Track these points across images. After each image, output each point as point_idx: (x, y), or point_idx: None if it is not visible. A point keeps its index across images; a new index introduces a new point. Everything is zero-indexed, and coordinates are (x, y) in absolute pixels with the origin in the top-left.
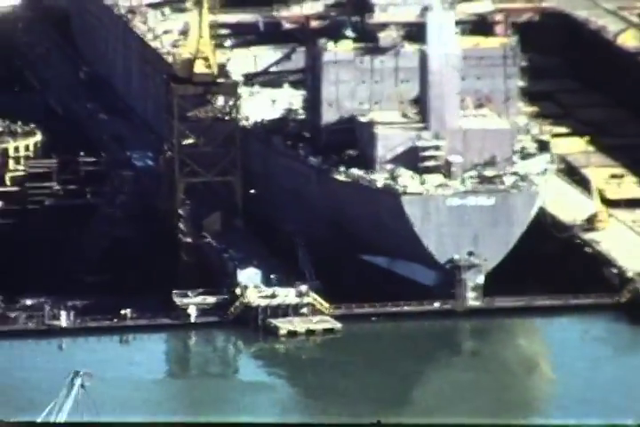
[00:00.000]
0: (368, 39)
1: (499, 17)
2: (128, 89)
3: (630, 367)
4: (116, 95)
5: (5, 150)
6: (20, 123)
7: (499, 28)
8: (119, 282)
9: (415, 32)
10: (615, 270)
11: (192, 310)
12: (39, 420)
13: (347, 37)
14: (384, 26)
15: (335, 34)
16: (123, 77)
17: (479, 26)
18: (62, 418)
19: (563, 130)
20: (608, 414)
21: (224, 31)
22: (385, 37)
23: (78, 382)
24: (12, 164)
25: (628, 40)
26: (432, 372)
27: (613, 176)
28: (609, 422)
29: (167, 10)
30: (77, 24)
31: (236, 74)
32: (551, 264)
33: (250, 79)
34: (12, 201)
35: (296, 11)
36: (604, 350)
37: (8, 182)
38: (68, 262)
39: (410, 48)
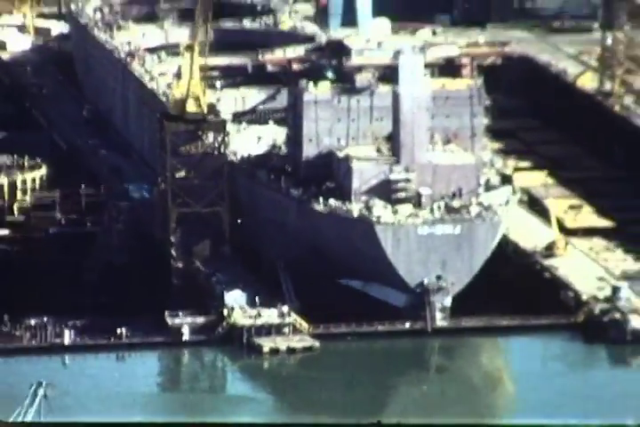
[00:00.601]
0: (345, 80)
1: (465, 60)
2: (127, 126)
3: (582, 380)
4: (115, 132)
5: (14, 182)
6: (27, 157)
7: (465, 71)
8: (116, 304)
9: (388, 74)
10: (571, 294)
11: (185, 329)
12: None
13: (327, 79)
14: (360, 68)
15: (315, 75)
16: (122, 115)
17: (447, 68)
18: None
19: (525, 164)
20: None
21: (215, 73)
22: (361, 79)
23: (41, 392)
24: (19, 195)
25: (586, 82)
26: (403, 385)
27: (571, 207)
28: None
29: (163, 54)
30: (81, 67)
31: (226, 112)
32: (513, 288)
33: (238, 117)
34: (18, 229)
35: (279, 54)
36: (559, 365)
37: (16, 212)
38: (69, 285)
39: (384, 89)
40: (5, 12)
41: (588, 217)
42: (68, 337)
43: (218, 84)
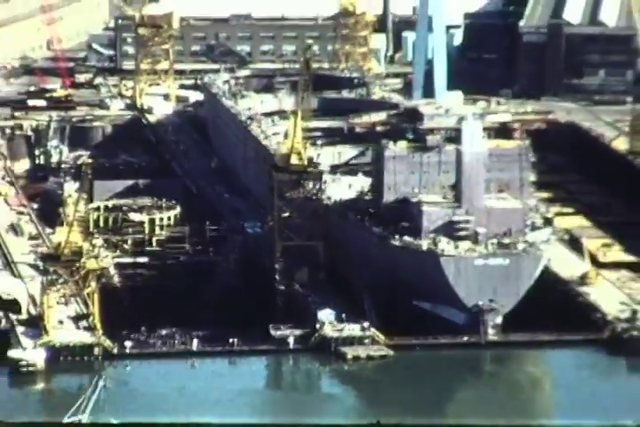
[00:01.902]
0: (419, 140)
1: (516, 125)
2: (245, 175)
3: (606, 385)
4: (236, 180)
5: (153, 220)
6: (164, 200)
7: (515, 134)
8: (230, 318)
9: (454, 135)
10: (599, 315)
11: (290, 339)
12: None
13: (406, 139)
14: (431, 130)
15: (395, 136)
16: (242, 166)
17: (501, 131)
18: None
19: (567, 210)
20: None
21: (317, 133)
22: (431, 139)
23: (101, 383)
24: (157, 229)
25: (619, 144)
26: (461, 387)
27: (603, 245)
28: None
29: (276, 118)
30: (212, 127)
31: (325, 165)
32: (552, 309)
33: (334, 169)
34: (155, 257)
35: (366, 119)
36: (588, 373)
37: (154, 243)
38: (194, 303)
39: (449, 147)
40: (154, 84)
41: (617, 253)
42: (195, 345)
43: (319, 142)
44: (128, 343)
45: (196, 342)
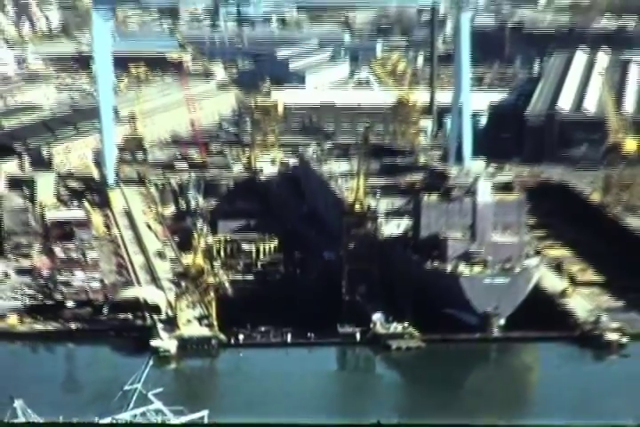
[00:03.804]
0: (446, 193)
1: (515, 183)
2: (326, 217)
3: (578, 368)
4: (320, 221)
5: (258, 249)
6: (267, 234)
7: (515, 189)
8: (309, 319)
9: (472, 190)
10: (574, 319)
11: (357, 335)
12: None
13: (438, 192)
14: (454, 187)
15: (429, 190)
16: (324, 211)
17: (503, 187)
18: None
19: (555, 244)
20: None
21: (378, 189)
22: (455, 193)
23: (149, 363)
24: (261, 256)
25: (595, 197)
26: (474, 368)
27: (580, 269)
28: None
29: (348, 178)
30: (304, 183)
31: (381, 211)
32: (540, 314)
33: (389, 214)
34: (259, 276)
35: (411, 178)
36: (565, 360)
37: (258, 266)
38: (285, 308)
39: (467, 198)
40: (264, 152)
41: (589, 275)
42: (289, 338)
43: (377, 195)
44: (241, 336)
45: (289, 335)
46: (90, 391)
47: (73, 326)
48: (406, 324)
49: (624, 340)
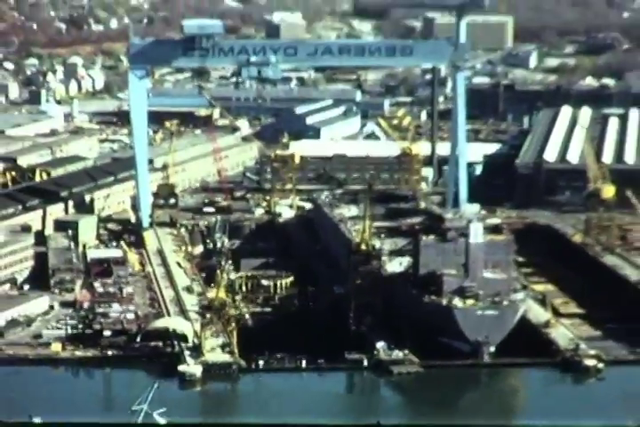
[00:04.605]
0: (442, 235)
1: (504, 225)
2: (337, 255)
3: (558, 390)
4: (331, 258)
5: (276, 284)
6: (284, 271)
7: (504, 231)
8: (320, 347)
9: (465, 232)
10: (555, 346)
11: (365, 362)
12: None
13: (434, 234)
14: (449, 229)
15: (428, 232)
16: (334, 250)
17: (493, 229)
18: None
19: (540, 280)
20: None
21: (383, 230)
22: (450, 234)
23: (155, 385)
24: (278, 290)
25: (577, 238)
26: (466, 392)
27: (563, 302)
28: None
29: (357, 221)
30: (318, 225)
31: (386, 250)
32: (525, 343)
33: (394, 253)
34: (275, 308)
35: (411, 221)
36: (548, 383)
37: (276, 300)
38: (299, 337)
39: (461, 239)
40: (283, 198)
41: (571, 308)
42: (304, 363)
43: (382, 235)
44: (260, 362)
45: (304, 362)
46: (122, 409)
47: (109, 352)
48: (406, 351)
49: (600, 365)
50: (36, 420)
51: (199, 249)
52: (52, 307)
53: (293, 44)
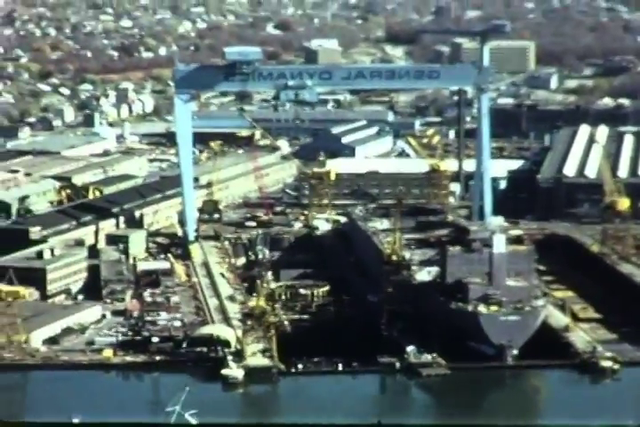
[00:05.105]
0: (468, 245)
1: (525, 236)
2: (370, 266)
3: (577, 390)
4: (365, 268)
5: (312, 293)
6: (320, 281)
7: (525, 242)
8: (354, 351)
9: (489, 242)
10: (574, 349)
11: (397, 364)
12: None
13: (461, 244)
14: (474, 240)
15: (454, 243)
16: (368, 261)
17: (515, 240)
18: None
19: (560, 287)
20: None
21: (413, 242)
22: (475, 245)
23: (187, 389)
24: (315, 299)
25: (594, 248)
26: (492, 391)
27: (582, 308)
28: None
29: (390, 233)
30: (352, 237)
31: (416, 261)
32: (547, 346)
33: (423, 263)
34: (313, 315)
35: (437, 233)
36: (567, 383)
37: (313, 307)
38: (335, 342)
39: (485, 249)
40: (320, 212)
41: (590, 313)
42: (340, 367)
43: (412, 247)
44: (299, 365)
45: (340, 365)
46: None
47: (157, 357)
48: (435, 354)
49: (616, 367)
50: (75, 420)
51: (241, 261)
52: (104, 316)
53: (328, 68)
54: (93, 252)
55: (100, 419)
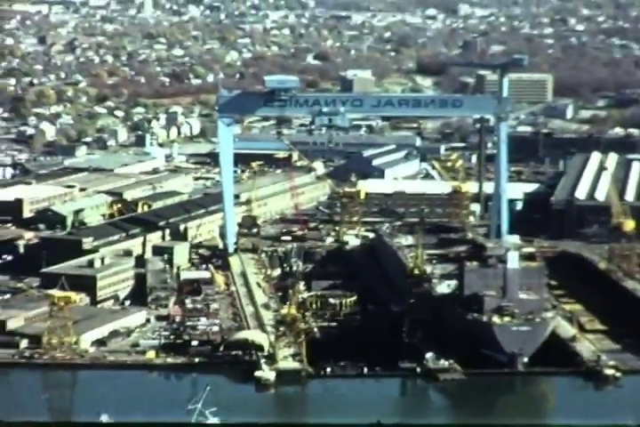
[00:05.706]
0: (483, 265)
1: (537, 254)
2: (395, 278)
3: (582, 396)
4: (390, 280)
5: (341, 302)
6: (348, 291)
7: (537, 258)
8: (377, 356)
9: (504, 258)
10: (580, 357)
11: (418, 369)
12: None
13: (477, 260)
14: (491, 256)
15: (471, 258)
16: (393, 274)
17: (528, 257)
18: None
19: (569, 300)
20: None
21: (435, 257)
22: (490, 260)
23: (207, 388)
24: (343, 308)
25: (602, 265)
26: (503, 395)
27: (589, 320)
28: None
29: (413, 248)
30: (380, 252)
31: (437, 274)
32: (555, 354)
33: (443, 277)
34: (339, 322)
35: (456, 249)
36: (573, 389)
37: (341, 315)
38: (360, 348)
39: (499, 266)
40: (350, 228)
41: (596, 324)
42: (365, 371)
43: (434, 262)
44: (327, 369)
45: (365, 369)
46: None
47: (196, 359)
48: (452, 361)
49: (619, 374)
50: (103, 419)
51: (277, 272)
52: (148, 320)
53: (360, 96)
54: (140, 261)
55: (133, 418)
